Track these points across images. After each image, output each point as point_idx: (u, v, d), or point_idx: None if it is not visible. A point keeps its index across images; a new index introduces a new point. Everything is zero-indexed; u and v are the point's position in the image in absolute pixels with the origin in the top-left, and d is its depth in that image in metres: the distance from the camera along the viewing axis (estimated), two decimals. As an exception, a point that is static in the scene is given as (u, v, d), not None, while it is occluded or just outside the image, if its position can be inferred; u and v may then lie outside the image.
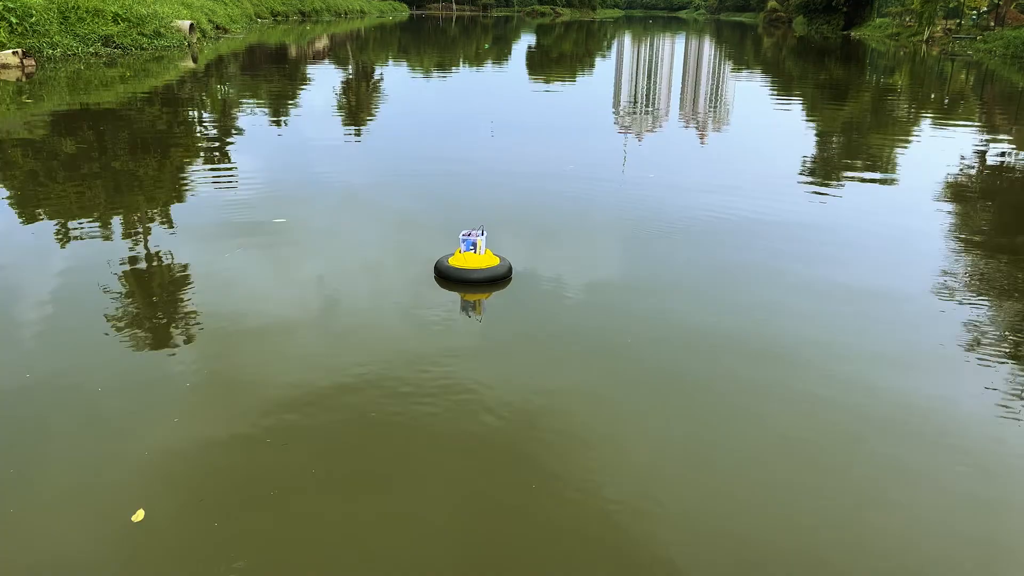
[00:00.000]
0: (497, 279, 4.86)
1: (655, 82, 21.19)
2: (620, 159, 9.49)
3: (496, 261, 4.93)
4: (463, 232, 4.94)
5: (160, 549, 2.53)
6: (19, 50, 15.35)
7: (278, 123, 11.46)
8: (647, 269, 5.50)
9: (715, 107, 15.97)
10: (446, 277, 4.86)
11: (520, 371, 3.82)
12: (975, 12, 36.32)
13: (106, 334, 4.05)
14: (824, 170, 9.20)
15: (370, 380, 3.63)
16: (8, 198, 6.74)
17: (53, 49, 16.99)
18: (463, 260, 4.86)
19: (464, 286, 4.81)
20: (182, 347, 3.93)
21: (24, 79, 14.13)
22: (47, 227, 5.93)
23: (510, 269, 4.98)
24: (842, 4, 49.26)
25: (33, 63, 15.47)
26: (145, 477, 2.88)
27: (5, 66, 14.93)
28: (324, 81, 17.86)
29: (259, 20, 38.32)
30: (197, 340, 4.02)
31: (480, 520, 2.74)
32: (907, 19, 40.50)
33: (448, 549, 2.59)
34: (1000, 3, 33.50)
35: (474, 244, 4.88)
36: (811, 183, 8.38)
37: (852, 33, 47.09)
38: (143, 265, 5.14)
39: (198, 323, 4.21)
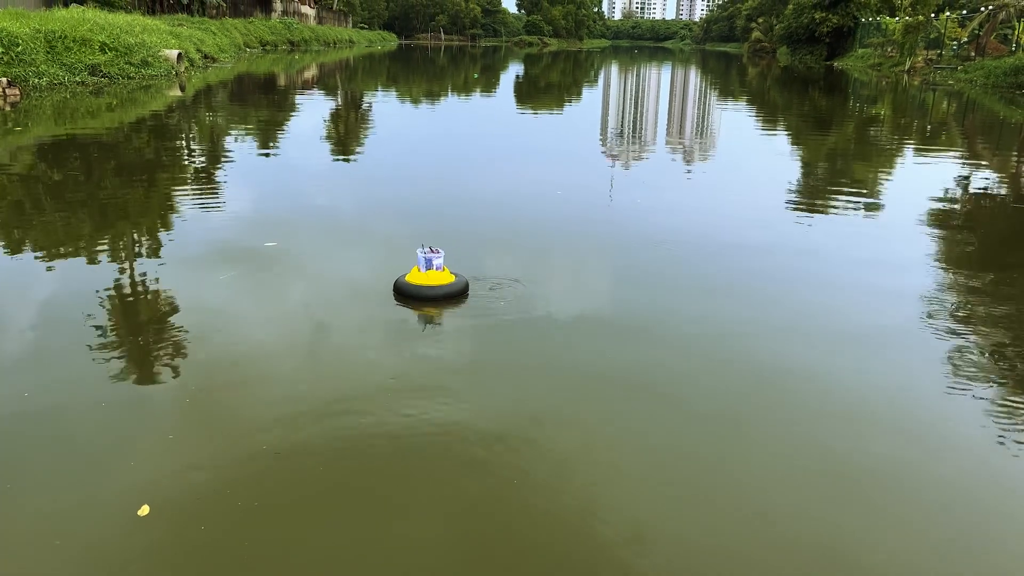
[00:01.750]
0: (451, 296, 4.91)
1: (642, 111, 21.35)
2: (607, 185, 9.49)
3: (451, 278, 4.99)
4: (420, 249, 5.02)
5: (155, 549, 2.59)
6: (3, 79, 15.27)
7: (266, 150, 11.41)
8: (634, 290, 5.48)
9: (701, 135, 16.06)
10: (402, 294, 4.96)
11: (511, 392, 3.82)
12: (956, 42, 36.93)
13: (93, 357, 4.00)
14: (810, 197, 9.22)
15: (359, 401, 3.61)
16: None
17: (39, 78, 16.94)
18: (418, 277, 4.95)
19: (419, 302, 4.89)
20: (171, 372, 3.91)
21: (8, 108, 14.05)
22: (36, 254, 5.84)
23: (466, 286, 5.03)
24: (825, 35, 50.06)
25: (17, 92, 15.39)
26: (141, 488, 2.91)
27: (-11, 95, 14.86)
28: (313, 109, 17.87)
29: (248, 49, 38.52)
30: (190, 364, 4.00)
31: (471, 540, 2.72)
32: (889, 50, 41.14)
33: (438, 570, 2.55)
34: (980, 34, 34.11)
35: (428, 262, 4.95)
36: (797, 209, 8.38)
37: (835, 63, 47.81)
38: (136, 288, 5.10)
39: (190, 347, 4.17)
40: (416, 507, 2.87)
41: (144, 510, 2.75)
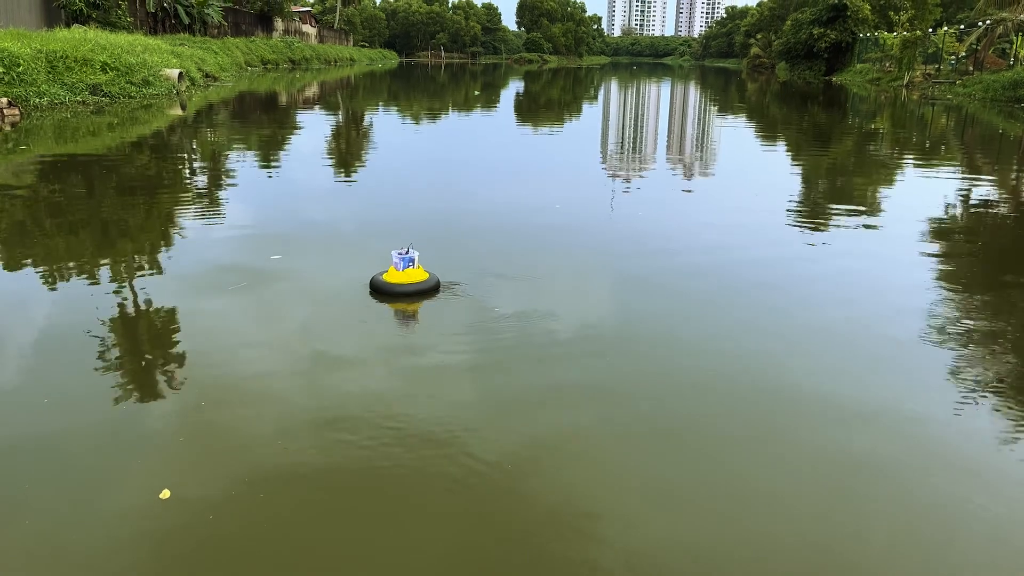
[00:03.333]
0: (424, 292, 5.25)
1: (641, 126, 21.38)
2: (608, 200, 9.47)
3: (425, 276, 5.33)
4: (397, 251, 5.34)
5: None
6: (3, 99, 15.31)
7: (267, 167, 11.40)
8: (632, 301, 5.48)
9: (701, 151, 16.06)
10: (378, 291, 5.30)
11: (509, 399, 3.85)
12: (954, 57, 37.06)
13: (103, 368, 4.06)
14: (811, 210, 9.20)
15: (359, 407, 3.66)
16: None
17: (40, 98, 16.99)
18: (395, 276, 5.29)
19: (393, 298, 5.22)
20: (179, 381, 3.98)
21: (8, 128, 14.07)
22: (40, 273, 5.84)
23: (438, 284, 5.35)
24: (823, 50, 50.30)
25: (17, 112, 15.43)
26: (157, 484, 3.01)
27: (-10, 115, 14.88)
28: (314, 127, 17.92)
29: (249, 68, 38.72)
30: (196, 372, 4.08)
31: (468, 546, 2.72)
32: (887, 64, 41.30)
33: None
34: (978, 48, 34.26)
35: (411, 261, 5.29)
36: (797, 222, 8.35)
37: (834, 78, 47.99)
38: (143, 306, 5.12)
39: (197, 357, 4.25)
40: (414, 506, 2.92)
41: (165, 494, 2.95)
